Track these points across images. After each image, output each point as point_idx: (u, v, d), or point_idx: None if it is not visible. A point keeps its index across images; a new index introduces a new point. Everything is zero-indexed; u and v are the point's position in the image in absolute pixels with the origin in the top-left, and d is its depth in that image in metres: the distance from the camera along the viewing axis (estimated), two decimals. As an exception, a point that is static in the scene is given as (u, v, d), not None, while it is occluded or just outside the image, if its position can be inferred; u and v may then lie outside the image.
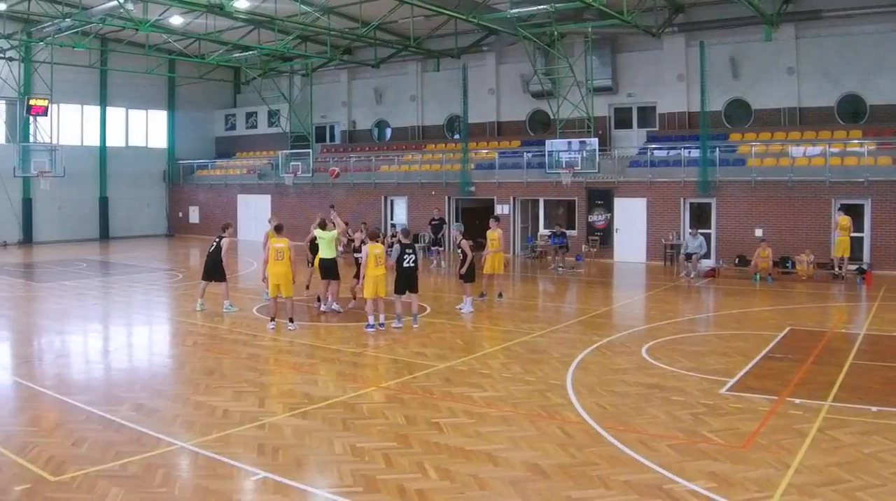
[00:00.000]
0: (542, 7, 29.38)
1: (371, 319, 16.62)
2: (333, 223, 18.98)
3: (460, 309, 19.43)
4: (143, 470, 8.34)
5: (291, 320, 16.74)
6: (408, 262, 16.98)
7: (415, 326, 16.97)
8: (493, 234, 20.95)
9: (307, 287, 20.59)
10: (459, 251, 20.77)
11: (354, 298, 19.63)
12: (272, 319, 16.96)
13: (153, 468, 8.41)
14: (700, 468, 8.34)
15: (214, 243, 19.61)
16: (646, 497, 7.59)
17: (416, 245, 33.31)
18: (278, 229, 17.35)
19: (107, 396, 11.56)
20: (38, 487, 7.87)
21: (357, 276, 19.05)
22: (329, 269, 18.65)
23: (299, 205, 39.26)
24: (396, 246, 17.23)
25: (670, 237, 30.24)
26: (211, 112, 51.87)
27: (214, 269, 19.46)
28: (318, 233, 18.60)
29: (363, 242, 19.22)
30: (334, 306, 19.14)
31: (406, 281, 17.13)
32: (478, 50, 39.51)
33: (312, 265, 19.98)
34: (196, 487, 7.97)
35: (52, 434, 9.62)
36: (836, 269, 25.49)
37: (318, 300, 19.57)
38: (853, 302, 21.73)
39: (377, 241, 16.97)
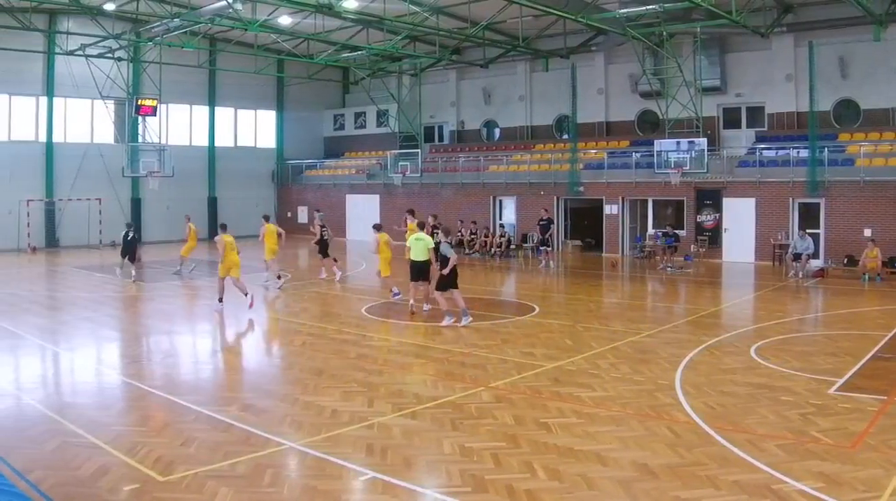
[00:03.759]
0: (650, 7, 29.26)
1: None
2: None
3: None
4: (251, 470, 8.45)
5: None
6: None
7: None
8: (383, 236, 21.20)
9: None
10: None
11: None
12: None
13: (262, 468, 8.52)
14: (808, 468, 8.41)
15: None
16: (754, 498, 7.66)
17: (525, 245, 33.97)
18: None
19: (215, 396, 11.86)
20: (147, 487, 8.00)
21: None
22: (421, 271, 18.66)
23: (408, 205, 39.58)
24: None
25: (779, 237, 29.87)
26: (320, 112, 52.44)
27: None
28: (416, 235, 18.81)
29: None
30: (425, 307, 19.18)
31: None
32: (587, 50, 39.29)
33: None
34: (305, 487, 8.10)
35: (160, 434, 9.78)
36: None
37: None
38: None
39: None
